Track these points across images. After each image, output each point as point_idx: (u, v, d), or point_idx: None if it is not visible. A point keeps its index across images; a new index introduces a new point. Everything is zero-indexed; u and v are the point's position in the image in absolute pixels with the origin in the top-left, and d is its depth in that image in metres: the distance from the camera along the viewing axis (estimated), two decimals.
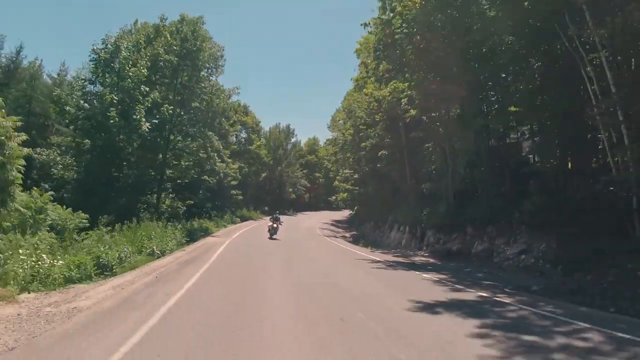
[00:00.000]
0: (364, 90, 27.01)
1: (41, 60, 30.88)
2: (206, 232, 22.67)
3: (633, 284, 8.61)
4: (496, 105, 17.49)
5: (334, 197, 50.44)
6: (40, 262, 6.91)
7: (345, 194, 39.37)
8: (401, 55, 18.37)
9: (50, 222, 11.96)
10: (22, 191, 10.85)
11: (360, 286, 9.07)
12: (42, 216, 11.54)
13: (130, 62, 19.82)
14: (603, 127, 11.54)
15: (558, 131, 13.74)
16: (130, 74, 18.80)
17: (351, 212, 44.90)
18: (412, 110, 20.96)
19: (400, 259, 16.36)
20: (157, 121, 19.36)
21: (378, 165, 27.72)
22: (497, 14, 14.02)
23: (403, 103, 21.63)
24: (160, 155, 22.16)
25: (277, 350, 4.47)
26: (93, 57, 19.71)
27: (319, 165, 67.27)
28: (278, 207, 39.70)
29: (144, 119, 17.83)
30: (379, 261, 14.92)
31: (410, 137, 23.63)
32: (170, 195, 25.04)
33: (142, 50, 20.59)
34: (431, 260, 16.58)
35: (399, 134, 25.38)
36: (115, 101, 17.77)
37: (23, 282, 6.38)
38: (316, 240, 24.63)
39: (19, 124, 8.12)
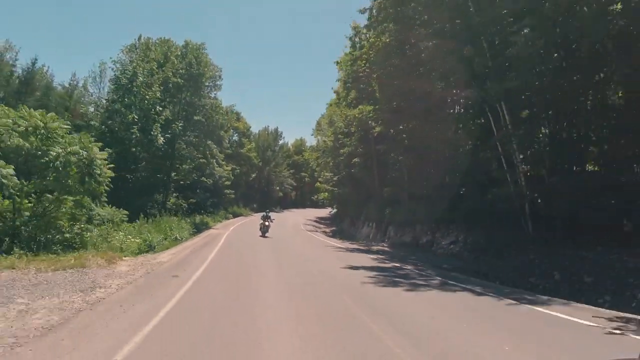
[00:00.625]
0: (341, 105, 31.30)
1: (48, 67, 34.26)
2: (207, 226, 27.00)
3: (517, 266, 12.64)
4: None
5: (315, 197, 54.20)
6: (126, 240, 11.52)
7: (326, 193, 43.16)
8: (366, 86, 23.10)
9: (99, 216, 16.38)
10: None
11: (323, 260, 13.86)
12: (94, 212, 15.96)
13: (145, 85, 24.05)
14: (503, 153, 16.33)
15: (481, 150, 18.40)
16: (147, 96, 23.02)
17: (331, 209, 49.17)
18: (376, 127, 25.57)
19: (361, 247, 20.90)
20: (169, 135, 23.64)
21: (353, 170, 31.48)
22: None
23: (370, 121, 26.19)
24: (168, 162, 26.38)
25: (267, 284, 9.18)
26: (114, 81, 24.00)
27: (305, 165, 70.19)
28: (266, 205, 42.89)
29: (159, 135, 22.11)
30: (343, 248, 19.59)
31: (377, 149, 27.51)
32: (174, 194, 29.20)
33: (155, 75, 24.82)
34: (387, 248, 21.02)
35: (370, 144, 28.99)
36: (135, 119, 22.02)
37: (119, 251, 10.97)
38: (301, 236, 27.95)
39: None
